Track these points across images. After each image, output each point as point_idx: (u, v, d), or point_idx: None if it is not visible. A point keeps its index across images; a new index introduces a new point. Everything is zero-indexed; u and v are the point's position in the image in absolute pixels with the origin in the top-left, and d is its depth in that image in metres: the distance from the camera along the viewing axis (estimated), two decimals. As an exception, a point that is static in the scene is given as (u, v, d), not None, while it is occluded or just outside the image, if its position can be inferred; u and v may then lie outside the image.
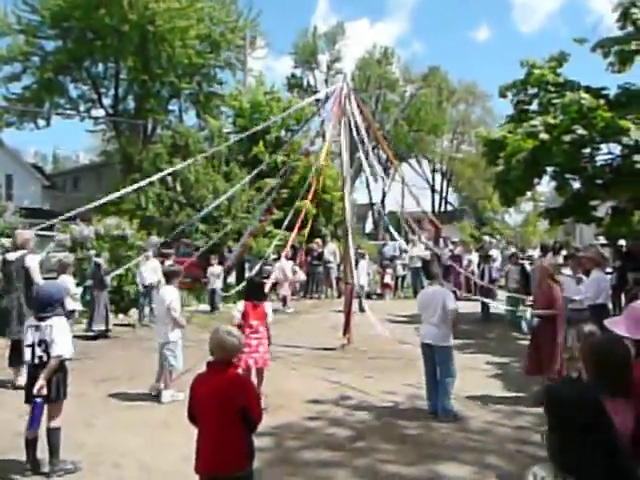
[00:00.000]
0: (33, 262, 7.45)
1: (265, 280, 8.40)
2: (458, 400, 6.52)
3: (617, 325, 2.95)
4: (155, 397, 6.92)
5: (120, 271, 11.58)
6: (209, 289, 13.96)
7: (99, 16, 22.79)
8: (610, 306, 8.24)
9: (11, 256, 7.45)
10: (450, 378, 6.23)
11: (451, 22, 77.71)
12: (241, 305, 6.63)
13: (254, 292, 6.78)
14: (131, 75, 27.04)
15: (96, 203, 8.61)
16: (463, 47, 75.45)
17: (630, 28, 11.27)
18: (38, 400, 4.65)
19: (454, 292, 9.01)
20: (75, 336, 9.61)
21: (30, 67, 25.62)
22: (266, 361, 6.73)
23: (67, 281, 9.26)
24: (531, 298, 7.80)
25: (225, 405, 3.37)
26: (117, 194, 9.46)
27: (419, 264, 17.09)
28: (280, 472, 4.84)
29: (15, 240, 7.56)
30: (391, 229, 11.59)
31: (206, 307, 14.00)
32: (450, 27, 76.39)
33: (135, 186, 9.81)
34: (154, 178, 12.81)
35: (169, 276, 7.38)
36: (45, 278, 7.72)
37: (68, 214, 8.72)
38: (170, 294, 7.02)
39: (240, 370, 6.38)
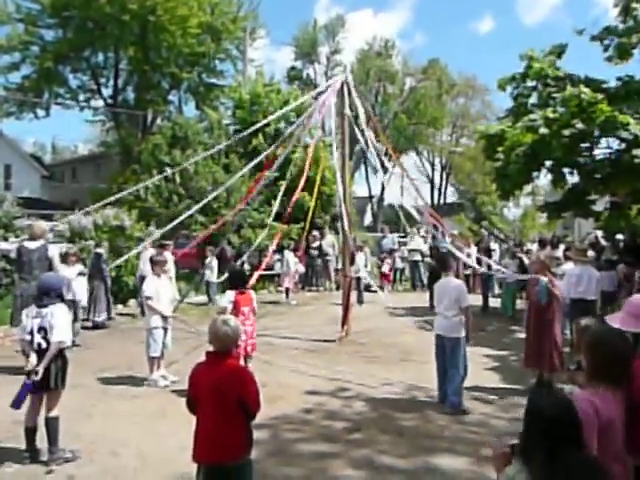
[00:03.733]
0: (55, 252, 7.77)
1: (247, 269, 8.48)
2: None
3: (613, 319, 3.00)
4: (152, 387, 7.02)
5: (120, 262, 11.60)
6: (204, 281, 13.97)
7: (99, 5, 22.65)
8: (592, 299, 8.19)
9: (31, 245, 7.57)
10: (456, 370, 6.23)
11: (454, 13, 77.49)
12: (231, 295, 6.69)
13: (238, 280, 6.91)
14: (131, 65, 26.93)
15: (112, 198, 8.59)
16: (466, 38, 75.25)
17: (630, 22, 11.25)
18: (28, 382, 4.65)
19: None
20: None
21: (29, 56, 25.45)
22: (255, 346, 6.93)
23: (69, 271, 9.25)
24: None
25: (223, 395, 3.40)
26: (132, 189, 9.41)
27: (418, 257, 17.14)
28: (277, 463, 4.86)
29: (32, 231, 7.69)
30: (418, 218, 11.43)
31: (204, 298, 14.02)
32: (453, 18, 76.13)
33: (151, 180, 9.71)
34: (168, 173, 12.80)
35: (151, 264, 7.55)
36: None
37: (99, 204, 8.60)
38: (146, 282, 7.34)
39: (242, 357, 6.53)
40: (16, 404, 4.68)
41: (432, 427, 5.77)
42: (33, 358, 4.73)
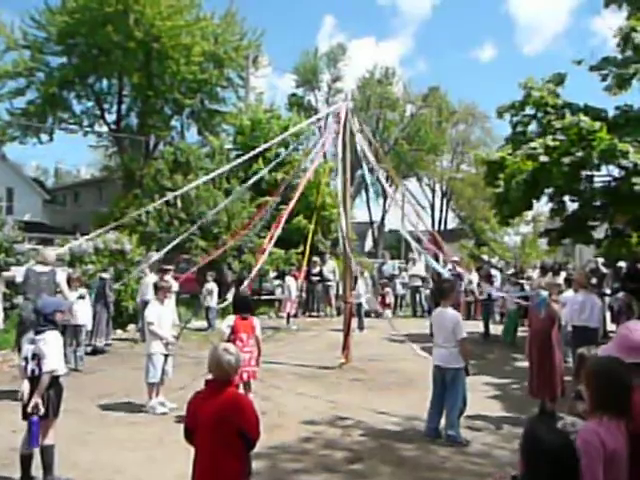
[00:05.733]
0: (63, 277, 8.08)
1: (251, 296, 8.47)
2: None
3: (605, 350, 2.99)
4: (150, 413, 6.96)
5: (118, 285, 11.64)
6: (204, 306, 13.92)
7: (105, 33, 23.06)
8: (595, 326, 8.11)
9: (40, 268, 7.76)
10: (455, 403, 6.11)
11: (456, 41, 78.85)
12: (231, 320, 6.62)
13: (241, 306, 6.82)
14: (135, 91, 27.29)
15: (115, 223, 8.68)
16: (467, 66, 76.44)
17: (630, 52, 11.39)
18: (34, 418, 4.62)
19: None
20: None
21: (35, 82, 25.81)
22: (255, 374, 6.73)
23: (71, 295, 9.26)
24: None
25: (223, 424, 3.34)
26: (134, 213, 9.50)
27: (418, 283, 17.10)
28: (276, 493, 4.79)
29: (44, 258, 7.91)
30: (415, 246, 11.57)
31: (203, 324, 13.94)
32: (454, 46, 77.45)
33: (154, 204, 9.74)
34: (169, 198, 12.94)
35: (155, 290, 7.58)
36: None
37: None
38: (149, 307, 7.38)
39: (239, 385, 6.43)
40: (32, 442, 4.65)
41: (433, 458, 5.67)
42: (25, 386, 4.69)
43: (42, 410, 4.61)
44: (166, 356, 7.23)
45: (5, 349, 9.36)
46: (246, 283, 10.47)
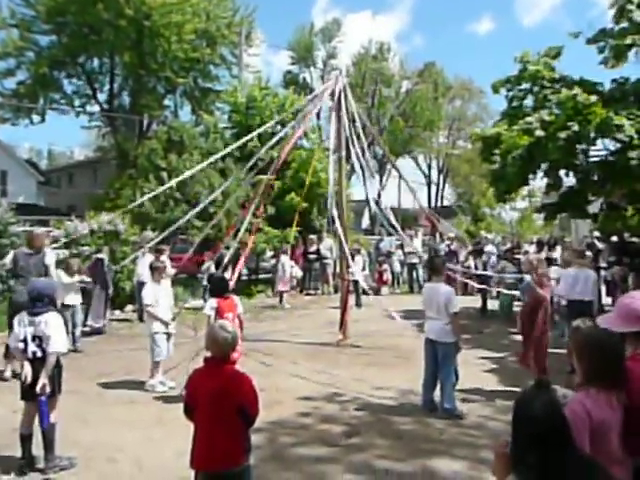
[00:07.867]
0: (51, 259, 8.00)
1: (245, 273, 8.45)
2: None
3: (603, 319, 3.00)
4: (150, 392, 7.01)
5: (118, 267, 11.66)
6: (202, 286, 13.93)
7: (95, 11, 22.63)
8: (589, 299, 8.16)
9: (29, 250, 7.78)
10: (448, 376, 6.18)
11: (453, 14, 78.05)
12: (214, 302, 6.54)
13: (218, 287, 6.75)
14: (126, 70, 26.92)
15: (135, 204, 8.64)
16: (464, 40, 75.68)
17: (625, 24, 11.26)
18: (43, 398, 4.66)
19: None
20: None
21: (24, 62, 25.41)
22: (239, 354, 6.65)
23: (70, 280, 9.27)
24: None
25: (222, 401, 3.38)
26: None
27: (415, 260, 17.14)
28: (275, 468, 4.85)
29: (32, 240, 7.88)
30: (389, 224, 11.57)
31: (200, 303, 13.96)
32: (451, 20, 76.60)
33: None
34: (184, 177, 12.91)
35: (151, 271, 7.61)
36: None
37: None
38: (145, 289, 7.48)
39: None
40: (44, 421, 4.70)
41: (430, 430, 5.75)
42: (27, 368, 4.70)
43: (48, 390, 4.64)
44: (168, 335, 7.31)
45: (1, 331, 9.37)
46: (241, 263, 10.43)
